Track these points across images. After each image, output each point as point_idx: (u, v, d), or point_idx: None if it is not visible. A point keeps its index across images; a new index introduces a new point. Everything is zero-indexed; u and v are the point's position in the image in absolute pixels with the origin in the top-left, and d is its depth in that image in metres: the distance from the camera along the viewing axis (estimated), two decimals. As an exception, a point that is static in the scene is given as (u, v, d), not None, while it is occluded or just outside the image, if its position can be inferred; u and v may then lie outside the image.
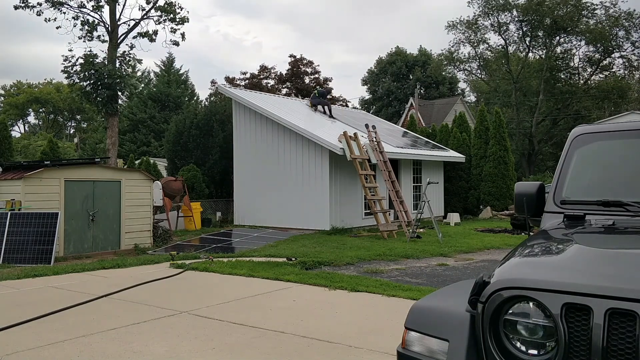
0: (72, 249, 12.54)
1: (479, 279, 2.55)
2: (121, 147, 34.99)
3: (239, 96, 19.36)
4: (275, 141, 17.97)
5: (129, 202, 13.71)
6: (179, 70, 42.53)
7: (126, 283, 8.28)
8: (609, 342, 2.11)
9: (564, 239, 2.99)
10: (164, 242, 14.65)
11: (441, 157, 21.16)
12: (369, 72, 53.95)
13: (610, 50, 36.92)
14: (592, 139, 3.77)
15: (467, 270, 9.90)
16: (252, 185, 18.41)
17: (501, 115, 22.52)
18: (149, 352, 4.94)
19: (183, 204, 18.18)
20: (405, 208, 16.34)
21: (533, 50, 38.79)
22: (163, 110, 38.54)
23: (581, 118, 36.14)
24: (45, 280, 8.86)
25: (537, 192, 3.65)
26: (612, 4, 34.91)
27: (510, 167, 21.93)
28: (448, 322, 2.64)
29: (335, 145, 15.91)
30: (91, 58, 23.24)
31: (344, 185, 16.97)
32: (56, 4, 23.88)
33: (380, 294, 7.38)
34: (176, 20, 25.74)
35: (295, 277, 8.65)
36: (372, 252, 11.87)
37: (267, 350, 4.97)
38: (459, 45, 39.11)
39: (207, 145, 22.03)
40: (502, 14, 36.80)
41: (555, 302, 2.23)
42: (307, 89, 40.92)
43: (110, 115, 24.06)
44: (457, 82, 51.14)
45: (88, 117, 56.81)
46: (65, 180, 12.46)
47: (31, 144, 44.52)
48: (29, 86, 62.07)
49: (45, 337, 5.42)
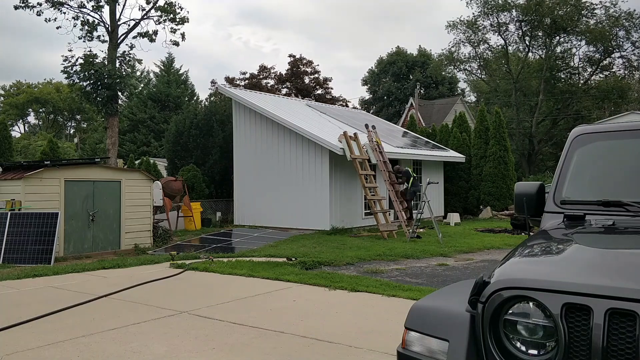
0: (72, 249, 12.54)
1: (479, 279, 2.55)
2: (121, 147, 34.97)
3: (239, 96, 19.36)
4: (275, 141, 17.97)
5: (129, 202, 13.71)
6: (178, 70, 42.52)
7: (126, 283, 8.29)
8: (609, 342, 2.11)
9: (564, 239, 2.99)
10: (164, 242, 14.65)
11: (441, 157, 21.16)
12: (369, 72, 53.93)
13: (610, 50, 36.87)
14: (592, 139, 3.76)
15: (467, 270, 9.90)
16: (252, 185, 18.40)
17: (501, 115, 22.50)
18: (149, 352, 4.94)
19: (183, 204, 18.17)
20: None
21: (533, 50, 38.75)
22: (163, 110, 38.53)
23: (581, 118, 36.11)
24: (45, 280, 8.86)
25: (537, 192, 3.65)
26: (612, 3, 34.87)
27: (510, 167, 21.92)
28: (448, 322, 2.64)
29: (335, 145, 15.91)
30: (91, 58, 23.25)
31: (344, 185, 16.97)
32: (56, 4, 23.89)
33: (380, 294, 7.37)
34: (176, 20, 25.76)
35: (295, 277, 8.65)
36: (372, 252, 11.87)
37: (267, 350, 4.97)
38: (459, 45, 39.09)
39: (207, 145, 22.02)
40: (502, 14, 36.76)
41: (555, 302, 2.23)
42: (307, 89, 40.91)
43: (110, 115, 24.06)
44: (457, 82, 51.11)
45: (88, 117, 56.79)
46: (65, 180, 12.45)
47: (31, 144, 44.53)
48: (28, 86, 62.03)
49: (45, 337, 5.42)
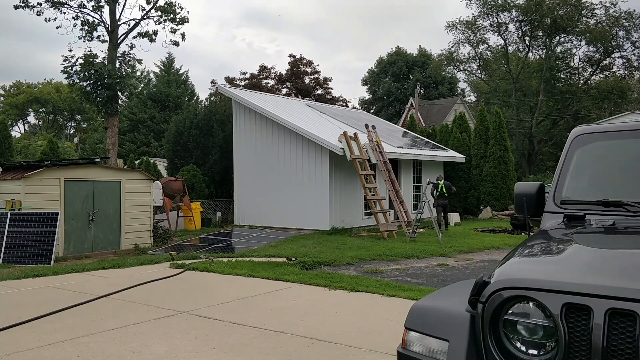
0: (72, 249, 12.53)
1: (479, 279, 2.55)
2: (121, 147, 34.98)
3: (238, 96, 19.36)
4: (275, 141, 17.97)
5: (129, 202, 13.71)
6: (178, 71, 42.52)
7: (126, 283, 8.29)
8: (609, 342, 2.11)
9: (564, 239, 2.99)
10: (164, 242, 14.65)
11: (441, 157, 21.16)
12: (369, 72, 53.90)
13: (610, 50, 36.87)
14: (592, 139, 3.76)
15: (467, 270, 9.90)
16: (252, 185, 18.40)
17: (501, 115, 22.50)
18: (149, 352, 4.94)
19: (183, 204, 18.17)
20: (405, 208, 16.34)
21: (533, 50, 38.75)
22: (163, 110, 38.53)
23: (581, 118, 36.10)
24: (45, 280, 8.86)
25: (537, 192, 3.65)
26: (612, 4, 34.87)
27: (510, 167, 21.92)
28: (448, 322, 2.64)
29: (335, 145, 15.91)
30: (91, 58, 23.24)
31: (344, 185, 16.97)
32: (56, 4, 23.88)
33: (380, 294, 7.37)
34: (176, 20, 25.76)
35: (295, 277, 8.65)
36: (372, 252, 11.86)
37: (267, 350, 4.97)
38: (459, 45, 39.09)
39: (207, 145, 22.02)
40: (502, 13, 36.75)
41: (555, 302, 2.23)
42: (307, 89, 40.90)
43: (110, 115, 24.06)
44: (457, 82, 51.08)
45: (88, 117, 56.79)
46: (65, 180, 12.45)
47: (31, 144, 44.52)
48: (28, 86, 62.03)
49: (45, 337, 5.42)
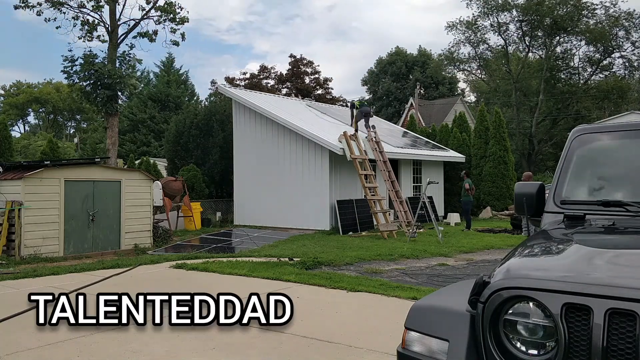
0: (72, 249, 12.53)
1: (479, 279, 2.55)
2: (121, 147, 34.95)
3: (238, 96, 19.36)
4: (275, 141, 17.97)
5: (129, 202, 13.71)
6: (178, 70, 42.53)
7: (126, 283, 8.28)
8: (609, 342, 2.11)
9: (564, 239, 2.99)
10: (164, 242, 14.65)
11: (441, 157, 21.16)
12: (369, 72, 53.92)
13: (610, 50, 36.87)
14: (592, 139, 3.76)
15: (467, 270, 9.89)
16: (252, 185, 18.40)
17: (501, 115, 22.50)
18: (149, 352, 4.93)
19: (183, 204, 18.17)
20: (405, 208, 16.34)
21: (533, 50, 38.75)
22: (163, 110, 38.54)
23: (581, 118, 36.08)
24: (45, 281, 8.85)
25: (537, 192, 3.64)
26: (612, 4, 34.89)
27: (510, 167, 21.92)
28: (448, 322, 2.64)
29: (335, 145, 15.91)
30: (91, 58, 23.19)
31: (344, 185, 16.97)
32: (56, 4, 23.83)
33: (380, 294, 7.36)
34: (176, 20, 25.70)
35: (295, 277, 8.63)
36: (372, 252, 11.86)
37: (267, 350, 4.97)
38: (459, 45, 39.10)
39: (207, 145, 22.02)
40: (502, 14, 36.76)
41: (555, 302, 2.23)
42: (307, 89, 40.90)
43: (110, 115, 24.00)
44: (457, 82, 51.12)
45: (88, 117, 56.79)
46: (65, 180, 12.45)
47: (31, 144, 44.52)
48: (28, 86, 62.04)
49: (45, 337, 5.41)
